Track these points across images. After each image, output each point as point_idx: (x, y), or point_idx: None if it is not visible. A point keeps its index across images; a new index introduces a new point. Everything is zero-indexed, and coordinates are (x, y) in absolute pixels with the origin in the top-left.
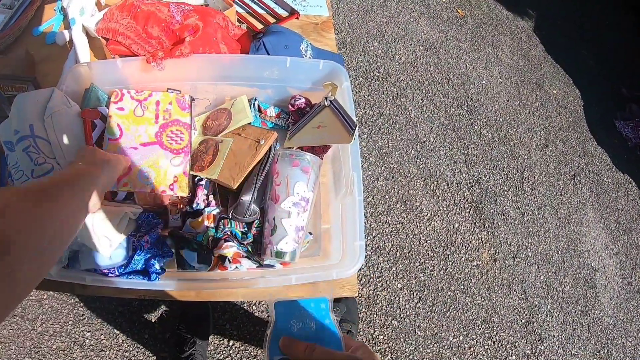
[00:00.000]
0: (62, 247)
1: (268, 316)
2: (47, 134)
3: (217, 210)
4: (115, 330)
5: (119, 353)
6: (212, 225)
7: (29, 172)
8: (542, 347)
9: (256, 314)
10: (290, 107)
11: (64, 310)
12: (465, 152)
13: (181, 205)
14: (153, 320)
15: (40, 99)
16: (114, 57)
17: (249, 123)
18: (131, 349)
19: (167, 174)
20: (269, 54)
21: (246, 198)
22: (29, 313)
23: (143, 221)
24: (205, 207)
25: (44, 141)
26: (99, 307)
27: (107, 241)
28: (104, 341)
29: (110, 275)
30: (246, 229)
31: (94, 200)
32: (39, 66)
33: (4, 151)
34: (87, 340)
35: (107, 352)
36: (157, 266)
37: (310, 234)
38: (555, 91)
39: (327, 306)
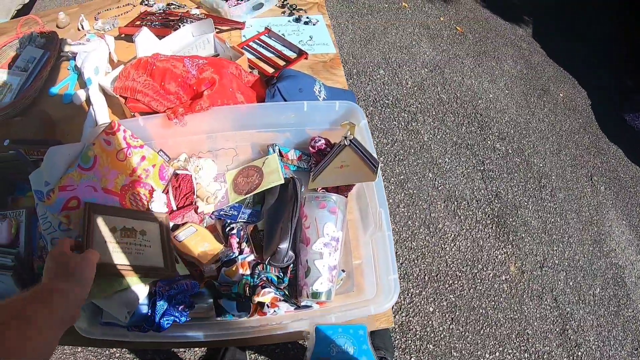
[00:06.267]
0: None
1: (304, 342)
2: None
3: (252, 257)
4: None
5: None
6: (248, 272)
7: (57, 225)
8: (579, 353)
9: (292, 352)
10: (310, 149)
11: None
12: (481, 168)
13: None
14: None
15: (72, 152)
16: (133, 115)
17: None
18: None
19: None
20: (284, 99)
21: (284, 246)
22: None
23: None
24: (239, 255)
25: None
26: (134, 357)
27: (127, 309)
28: None
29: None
30: (282, 274)
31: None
32: (58, 126)
33: (35, 200)
34: None
35: None
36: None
37: (343, 271)
38: (561, 94)
39: (365, 332)
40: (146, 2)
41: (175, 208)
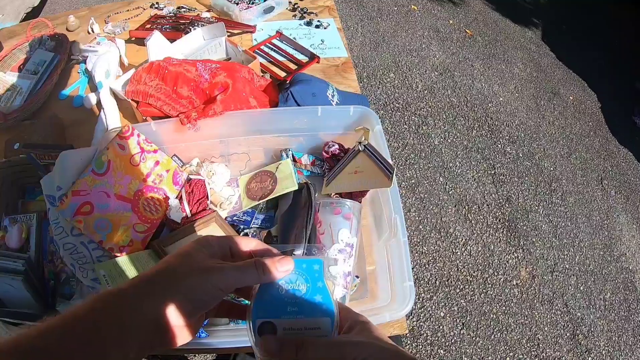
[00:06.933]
0: None
1: None
2: None
3: None
4: None
5: None
6: None
7: (69, 230)
8: (590, 359)
9: None
10: (324, 154)
11: None
12: (492, 172)
13: None
14: None
15: (84, 156)
16: (145, 119)
17: None
18: None
19: (125, 236)
20: (297, 104)
21: (298, 252)
22: None
23: None
24: None
25: None
26: None
27: None
28: None
29: None
30: None
31: None
32: (69, 129)
33: (46, 205)
34: None
35: None
36: None
37: (357, 277)
38: (571, 97)
39: (321, 267)
40: (156, 6)
41: (188, 213)
